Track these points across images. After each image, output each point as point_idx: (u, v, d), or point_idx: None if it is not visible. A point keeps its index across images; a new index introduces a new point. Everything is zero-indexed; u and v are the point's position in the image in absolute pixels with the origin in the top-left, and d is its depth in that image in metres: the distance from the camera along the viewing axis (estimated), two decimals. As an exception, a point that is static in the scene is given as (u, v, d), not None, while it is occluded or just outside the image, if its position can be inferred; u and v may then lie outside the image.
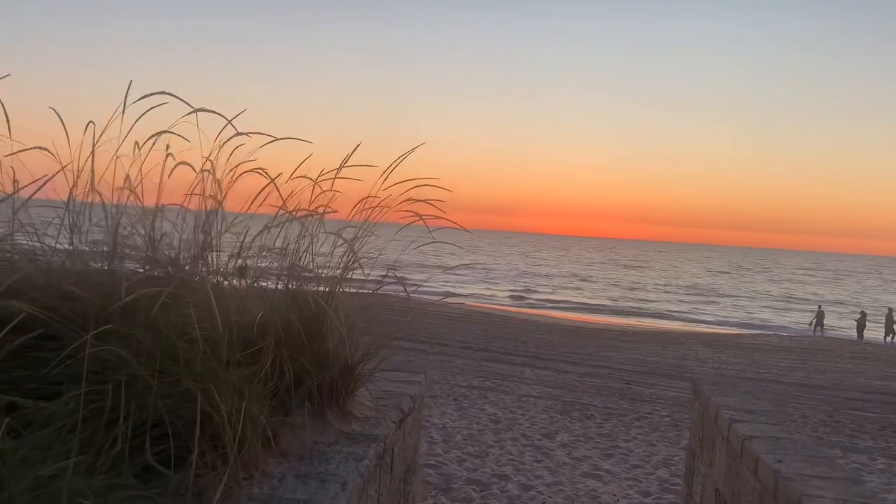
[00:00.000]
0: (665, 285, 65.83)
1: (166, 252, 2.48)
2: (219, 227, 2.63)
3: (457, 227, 3.24)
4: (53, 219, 2.43)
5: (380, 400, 3.20)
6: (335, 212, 3.08)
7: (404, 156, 3.10)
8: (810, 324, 33.73)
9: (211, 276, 2.50)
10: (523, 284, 56.74)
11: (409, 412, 3.36)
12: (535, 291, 51.34)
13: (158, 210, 2.47)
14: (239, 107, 2.66)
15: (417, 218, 3.06)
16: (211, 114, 2.49)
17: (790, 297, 60.86)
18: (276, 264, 2.92)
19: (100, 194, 2.39)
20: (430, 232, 3.12)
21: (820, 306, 35.84)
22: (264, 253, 2.83)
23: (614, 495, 7.26)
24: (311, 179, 2.94)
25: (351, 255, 3.06)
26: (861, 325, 32.81)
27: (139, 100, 2.37)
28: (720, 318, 41.46)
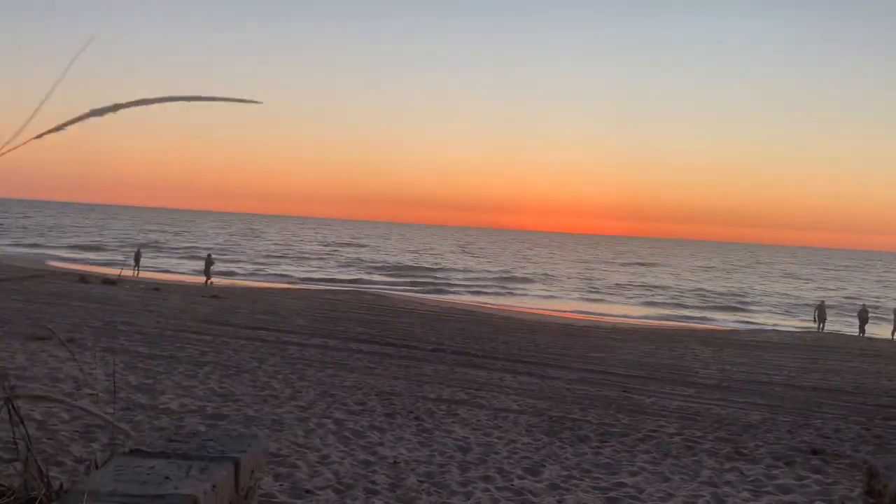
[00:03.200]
0: (651, 286, 64.18)
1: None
2: None
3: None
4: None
5: None
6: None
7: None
8: (814, 320, 31.94)
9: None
10: (509, 281, 54.68)
11: None
12: (520, 288, 49.25)
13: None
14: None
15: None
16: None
17: (786, 293, 59.19)
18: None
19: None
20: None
21: (822, 301, 34.11)
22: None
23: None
24: None
25: None
26: (863, 320, 31.01)
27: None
28: (715, 315, 39.54)
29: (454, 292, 42.49)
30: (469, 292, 43.05)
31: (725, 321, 36.74)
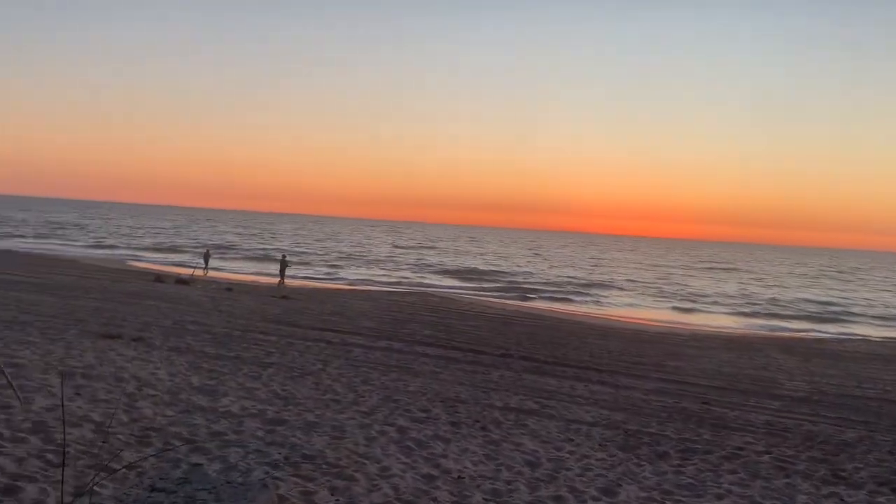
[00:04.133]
0: (726, 294, 61.87)
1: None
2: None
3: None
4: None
5: None
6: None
7: None
8: None
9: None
10: (588, 286, 53.57)
11: None
12: (600, 294, 48.09)
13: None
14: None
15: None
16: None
17: (883, 302, 56.04)
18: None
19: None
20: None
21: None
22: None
23: None
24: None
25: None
26: None
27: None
28: (798, 323, 37.58)
29: (532, 297, 41.74)
30: (545, 298, 42.17)
31: (813, 330, 34.85)
